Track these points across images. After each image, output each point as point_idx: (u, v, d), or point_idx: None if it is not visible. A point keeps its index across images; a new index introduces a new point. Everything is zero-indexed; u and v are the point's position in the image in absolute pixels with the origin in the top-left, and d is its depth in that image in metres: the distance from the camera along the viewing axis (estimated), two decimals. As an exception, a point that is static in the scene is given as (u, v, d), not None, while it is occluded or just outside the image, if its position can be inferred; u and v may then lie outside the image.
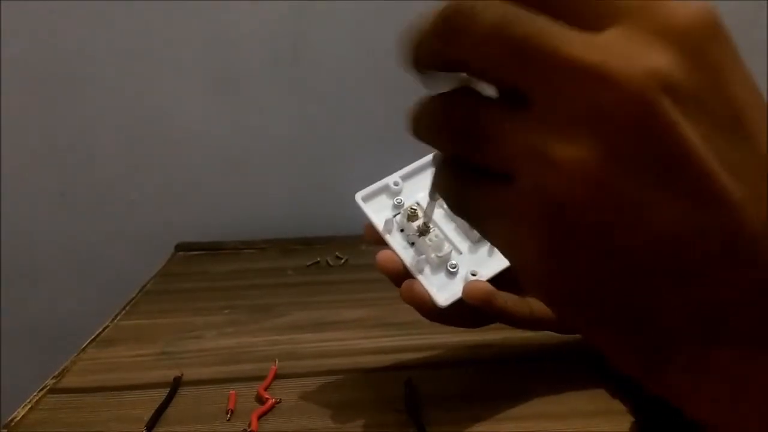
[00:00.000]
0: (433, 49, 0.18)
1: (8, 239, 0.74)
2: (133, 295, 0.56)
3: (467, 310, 0.32)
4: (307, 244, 0.69)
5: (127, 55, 0.70)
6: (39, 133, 0.72)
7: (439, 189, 0.20)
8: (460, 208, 0.19)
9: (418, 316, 0.48)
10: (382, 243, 0.34)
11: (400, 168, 0.36)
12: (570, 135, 0.15)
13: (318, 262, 0.63)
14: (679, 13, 0.15)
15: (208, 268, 0.63)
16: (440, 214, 0.35)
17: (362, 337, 0.45)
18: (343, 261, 0.63)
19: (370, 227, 0.34)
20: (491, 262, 0.34)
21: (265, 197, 0.75)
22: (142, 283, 0.59)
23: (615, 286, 0.17)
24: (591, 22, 0.15)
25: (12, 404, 0.37)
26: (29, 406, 0.37)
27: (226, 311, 0.51)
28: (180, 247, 0.70)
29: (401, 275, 0.33)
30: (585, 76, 0.15)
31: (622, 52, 0.15)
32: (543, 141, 0.15)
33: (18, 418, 0.36)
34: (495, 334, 0.44)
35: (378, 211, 0.35)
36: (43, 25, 0.68)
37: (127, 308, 0.53)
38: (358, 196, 0.35)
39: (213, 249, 0.69)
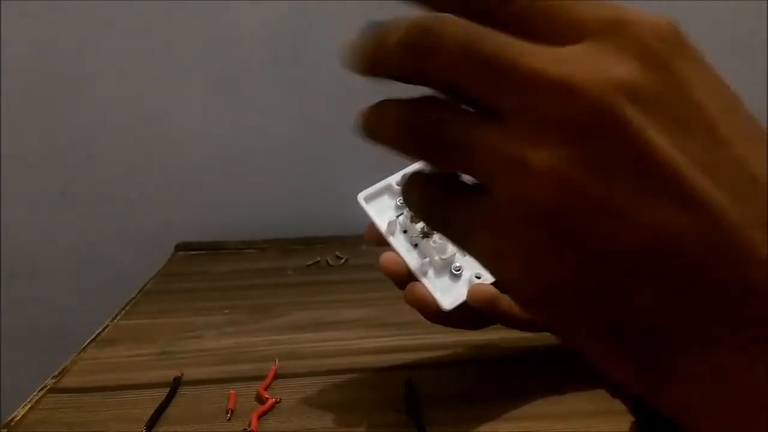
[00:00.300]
0: (396, 62, 0.18)
1: (8, 239, 0.74)
2: (133, 295, 0.56)
3: (470, 313, 0.32)
4: (307, 244, 0.69)
5: (127, 55, 0.70)
6: (39, 133, 0.72)
7: (410, 203, 0.20)
8: (435, 223, 0.19)
9: (417, 316, 0.48)
10: (383, 244, 0.33)
11: (401, 168, 0.36)
12: (543, 144, 0.16)
13: (318, 262, 0.63)
14: (640, 27, 0.16)
15: (208, 268, 0.63)
16: None
17: (362, 337, 0.45)
18: (343, 261, 0.63)
19: (372, 228, 0.34)
20: None
21: (265, 197, 0.75)
22: (142, 283, 0.59)
23: (604, 294, 0.17)
24: (556, 39, 0.16)
25: (12, 404, 0.37)
26: (29, 405, 0.37)
27: (226, 311, 0.51)
28: (180, 247, 0.70)
29: (405, 277, 0.33)
30: (552, 87, 0.15)
31: (586, 63, 0.16)
32: (517, 151, 0.16)
33: (18, 418, 0.35)
34: (495, 334, 0.44)
35: (380, 212, 0.34)
36: (43, 25, 0.68)
37: (127, 308, 0.53)
38: (361, 197, 0.35)
39: (213, 249, 0.69)
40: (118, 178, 0.73)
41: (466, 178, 0.18)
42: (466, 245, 0.19)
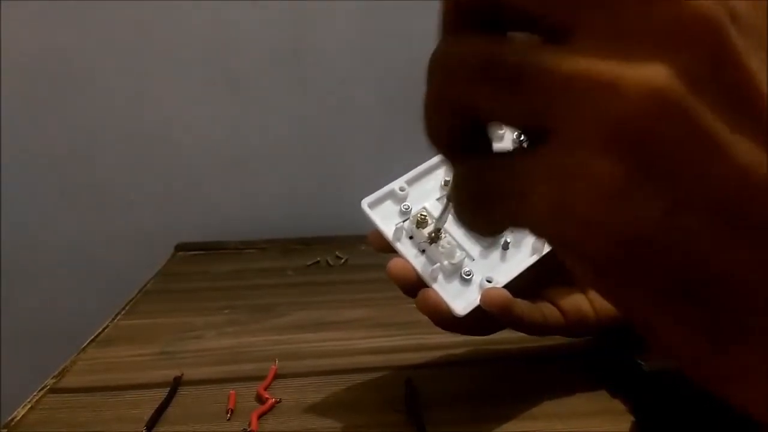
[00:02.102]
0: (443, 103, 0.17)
1: (8, 239, 0.74)
2: (133, 295, 0.56)
3: (483, 318, 0.31)
4: (307, 244, 0.69)
5: (128, 56, 0.70)
6: (39, 133, 0.72)
7: (458, 191, 0.17)
8: (486, 199, 0.16)
9: (418, 316, 0.48)
10: (388, 250, 0.33)
11: (401, 168, 0.35)
12: (638, 57, 0.13)
13: (318, 262, 0.63)
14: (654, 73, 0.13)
15: (208, 268, 0.63)
16: (450, 220, 0.34)
17: (362, 337, 0.45)
18: (343, 261, 0.63)
19: (376, 234, 0.33)
20: (504, 268, 0.33)
21: (265, 197, 0.75)
22: (142, 283, 0.59)
23: (692, 245, 0.14)
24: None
25: (12, 404, 0.37)
26: (29, 406, 0.37)
27: (226, 311, 0.51)
28: (180, 247, 0.70)
29: (414, 284, 0.32)
30: (610, 89, 0.13)
31: (625, 85, 0.13)
32: (606, 67, 0.13)
33: (18, 418, 0.35)
34: (495, 334, 0.44)
35: (385, 218, 0.34)
36: (43, 25, 0.68)
37: (127, 308, 0.53)
38: (365, 203, 0.34)
39: (213, 249, 0.69)
40: (118, 178, 0.73)
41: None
42: (525, 213, 0.15)
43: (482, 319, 0.31)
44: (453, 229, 0.34)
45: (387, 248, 0.33)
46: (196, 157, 0.73)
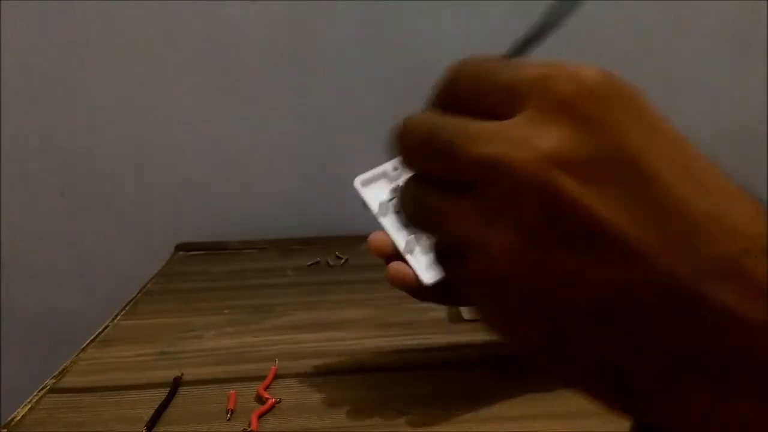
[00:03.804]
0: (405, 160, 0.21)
1: (8, 239, 0.74)
2: (133, 295, 0.56)
3: (453, 288, 0.32)
4: (307, 244, 0.69)
5: (128, 55, 0.70)
6: (39, 132, 0.72)
7: (404, 195, 0.22)
8: (418, 209, 0.22)
9: (418, 316, 0.48)
10: (389, 257, 0.34)
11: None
12: (494, 220, 0.17)
13: (318, 262, 0.63)
14: (568, 85, 0.17)
15: (208, 268, 0.63)
16: None
17: (362, 337, 0.45)
18: (343, 261, 0.63)
19: (376, 241, 0.35)
20: None
21: (265, 197, 0.75)
22: (142, 283, 0.59)
23: (568, 340, 0.18)
24: (501, 111, 0.18)
25: (12, 404, 0.37)
26: (29, 406, 0.37)
27: (226, 311, 0.51)
28: (180, 247, 0.70)
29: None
30: (493, 168, 0.17)
31: (521, 138, 0.17)
32: (476, 227, 0.18)
33: (18, 418, 0.35)
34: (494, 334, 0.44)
35: (375, 196, 0.36)
36: (43, 24, 0.68)
37: (127, 308, 0.53)
38: (357, 181, 0.36)
39: (213, 249, 0.69)
40: (118, 178, 0.73)
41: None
42: (440, 229, 0.20)
43: (451, 289, 0.32)
44: None
45: (387, 254, 0.34)
46: (196, 157, 0.73)
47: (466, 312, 0.47)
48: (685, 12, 0.71)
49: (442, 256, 0.21)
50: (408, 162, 0.21)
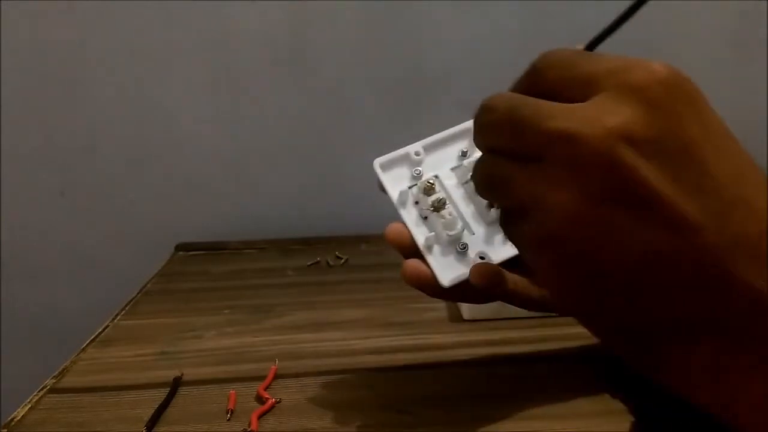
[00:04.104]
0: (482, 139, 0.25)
1: (8, 239, 0.74)
2: (133, 295, 0.56)
3: (470, 290, 0.31)
4: (307, 244, 0.69)
5: (127, 55, 0.70)
6: (39, 132, 0.72)
7: (477, 165, 0.26)
8: (488, 178, 0.25)
9: (418, 316, 0.48)
10: (406, 250, 0.33)
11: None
12: (557, 185, 0.20)
13: (318, 262, 0.63)
14: (641, 73, 0.20)
15: (208, 268, 0.63)
16: (460, 195, 0.34)
17: (362, 337, 0.45)
18: (343, 261, 0.63)
19: (394, 232, 0.33)
20: (502, 248, 0.33)
21: (265, 197, 0.75)
22: (142, 283, 0.59)
23: (609, 299, 0.20)
24: (579, 97, 0.21)
25: (12, 404, 0.37)
26: (29, 406, 0.37)
27: (226, 311, 0.51)
28: (180, 247, 0.70)
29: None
30: (562, 140, 0.20)
31: (590, 116, 0.19)
32: (541, 190, 0.20)
33: (18, 418, 0.35)
34: (495, 334, 0.44)
35: (395, 181, 0.33)
36: (43, 24, 0.68)
37: (127, 308, 0.53)
38: (377, 163, 0.34)
39: (213, 249, 0.69)
40: (118, 178, 0.73)
41: None
42: (519, 250, 0.24)
43: (470, 290, 0.31)
44: (461, 204, 0.33)
45: (405, 247, 0.33)
46: (196, 157, 0.73)
47: (466, 312, 0.47)
48: (685, 12, 0.71)
49: (505, 219, 0.24)
50: (486, 135, 0.24)
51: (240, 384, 0.38)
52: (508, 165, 0.22)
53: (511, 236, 0.24)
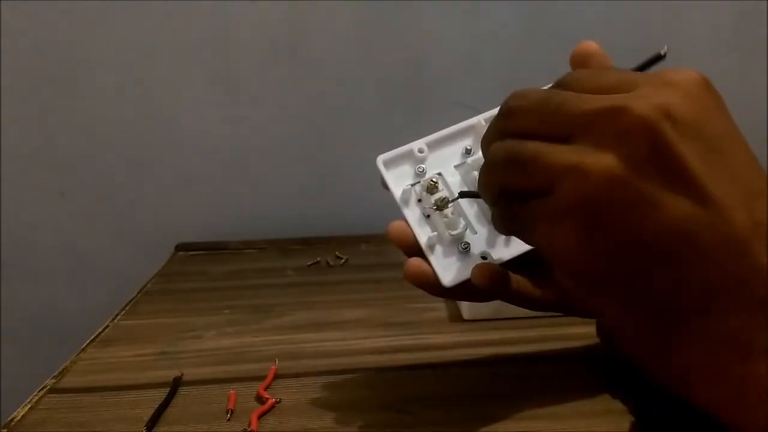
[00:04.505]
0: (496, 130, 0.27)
1: (8, 239, 0.74)
2: (133, 295, 0.56)
3: (471, 289, 0.31)
4: (307, 244, 0.69)
5: (127, 55, 0.70)
6: (39, 133, 0.72)
7: (496, 219, 0.28)
8: (511, 225, 0.26)
9: (418, 316, 0.48)
10: (408, 248, 0.33)
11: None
12: (599, 152, 0.21)
13: (318, 262, 0.63)
14: (678, 74, 0.23)
15: (208, 268, 0.63)
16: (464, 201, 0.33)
17: (362, 337, 0.45)
18: (343, 261, 0.63)
19: (397, 230, 0.33)
20: (504, 248, 0.33)
21: (265, 197, 0.75)
22: (142, 283, 0.59)
23: (635, 267, 0.21)
24: (624, 89, 0.23)
25: (12, 404, 0.37)
26: (29, 406, 0.37)
27: (226, 311, 0.51)
28: (180, 247, 0.70)
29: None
30: (611, 111, 0.22)
31: (635, 96, 0.22)
32: (579, 158, 0.22)
33: (18, 418, 0.35)
34: (495, 334, 0.44)
35: (398, 178, 0.33)
36: (43, 24, 0.68)
37: (127, 308, 0.53)
38: (380, 160, 0.33)
39: (213, 249, 0.69)
40: (118, 178, 0.73)
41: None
42: (527, 234, 0.25)
43: (472, 289, 0.31)
44: (464, 201, 0.33)
45: (407, 245, 0.33)
46: (196, 157, 0.73)
47: (466, 312, 0.47)
48: (685, 12, 0.71)
49: (516, 203, 0.25)
50: (515, 118, 0.25)
51: (240, 384, 0.38)
52: (535, 144, 0.24)
53: (524, 218, 0.25)
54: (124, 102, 0.71)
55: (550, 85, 0.27)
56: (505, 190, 0.26)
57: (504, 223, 0.27)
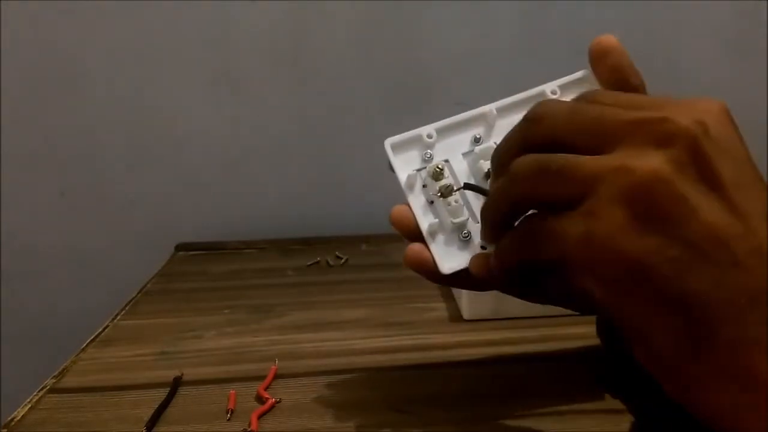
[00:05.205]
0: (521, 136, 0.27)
1: (8, 239, 0.74)
2: (133, 295, 0.56)
3: (471, 278, 0.31)
4: (307, 244, 0.69)
5: (127, 55, 0.70)
6: (39, 133, 0.72)
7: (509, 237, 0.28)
8: (529, 239, 0.26)
9: (418, 316, 0.48)
10: (410, 233, 0.32)
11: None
12: (643, 154, 0.22)
13: (318, 262, 0.63)
14: (706, 101, 0.24)
15: (208, 268, 0.63)
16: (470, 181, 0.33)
17: (362, 337, 0.45)
18: (343, 261, 0.63)
19: (399, 214, 0.32)
20: None
21: (265, 197, 0.75)
22: (142, 283, 0.59)
23: (673, 266, 0.22)
24: (655, 109, 0.24)
25: (12, 404, 0.37)
26: (29, 406, 0.37)
27: (226, 311, 0.51)
28: (180, 247, 0.70)
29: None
30: (658, 121, 0.23)
31: (677, 113, 0.23)
32: (622, 161, 0.23)
33: (18, 418, 0.35)
34: (495, 334, 0.44)
35: (405, 162, 0.33)
36: (43, 25, 0.68)
37: (127, 308, 0.53)
38: (388, 143, 0.33)
39: (213, 249, 0.69)
40: (118, 178, 0.73)
41: None
42: (552, 242, 0.25)
43: (470, 278, 0.31)
44: (470, 193, 0.33)
45: (408, 230, 0.32)
46: (196, 157, 0.73)
47: (466, 312, 0.47)
48: (684, 12, 0.71)
49: (541, 217, 0.25)
50: (544, 124, 0.26)
51: (240, 384, 0.38)
52: (564, 156, 0.24)
53: (549, 227, 0.25)
54: (124, 102, 0.71)
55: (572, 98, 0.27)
56: (531, 203, 0.26)
57: (521, 244, 0.27)
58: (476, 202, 0.33)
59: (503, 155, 0.27)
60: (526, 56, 0.70)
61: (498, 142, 0.30)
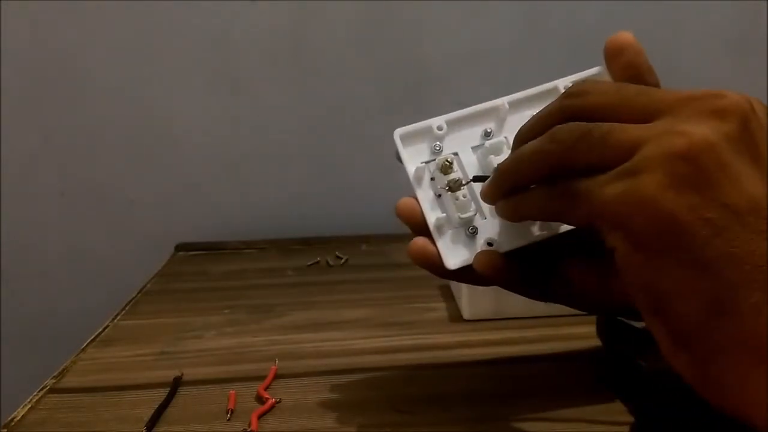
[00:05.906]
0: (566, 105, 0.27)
1: (8, 239, 0.74)
2: (133, 295, 0.56)
3: (476, 273, 0.31)
4: (307, 244, 0.69)
5: (127, 55, 0.70)
6: (39, 133, 0.72)
7: (533, 199, 0.28)
8: (558, 202, 0.26)
9: (418, 316, 0.48)
10: (416, 226, 0.32)
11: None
12: (698, 124, 0.23)
13: (318, 262, 0.63)
14: (738, 96, 0.25)
15: (208, 268, 0.63)
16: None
17: (362, 337, 0.45)
18: (343, 261, 0.63)
19: (406, 207, 0.32)
20: (511, 236, 0.32)
21: (265, 197, 0.75)
22: (142, 283, 0.59)
23: (711, 230, 0.22)
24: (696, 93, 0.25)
25: (12, 404, 0.37)
26: (29, 406, 0.37)
27: (226, 311, 0.51)
28: (180, 247, 0.70)
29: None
30: (711, 95, 0.24)
31: (725, 95, 0.24)
32: (670, 126, 0.23)
33: (18, 418, 0.35)
34: (495, 334, 0.44)
35: (413, 154, 0.33)
36: (43, 25, 0.68)
37: (127, 308, 0.53)
38: (397, 134, 0.33)
39: (213, 249, 0.69)
40: (118, 178, 0.73)
41: None
42: (583, 205, 0.25)
43: (475, 273, 0.31)
44: (477, 185, 0.32)
45: (415, 223, 0.32)
46: (196, 157, 0.73)
47: (466, 312, 0.47)
48: (685, 12, 0.71)
49: (574, 180, 0.25)
50: (589, 95, 0.26)
51: (240, 384, 0.38)
52: (609, 123, 0.25)
53: (584, 189, 0.25)
54: (124, 102, 0.71)
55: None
56: (565, 166, 0.26)
57: (549, 202, 0.27)
58: None
59: (538, 124, 0.28)
60: (526, 56, 0.70)
61: (508, 137, 0.30)
